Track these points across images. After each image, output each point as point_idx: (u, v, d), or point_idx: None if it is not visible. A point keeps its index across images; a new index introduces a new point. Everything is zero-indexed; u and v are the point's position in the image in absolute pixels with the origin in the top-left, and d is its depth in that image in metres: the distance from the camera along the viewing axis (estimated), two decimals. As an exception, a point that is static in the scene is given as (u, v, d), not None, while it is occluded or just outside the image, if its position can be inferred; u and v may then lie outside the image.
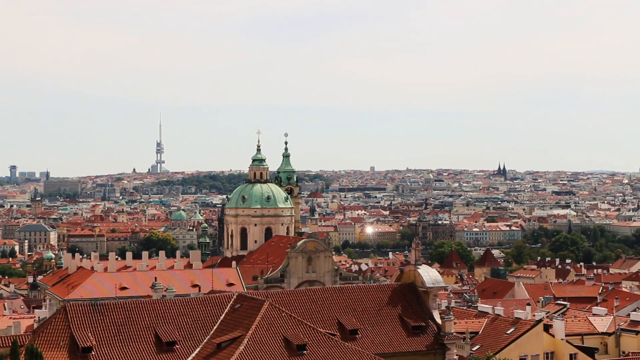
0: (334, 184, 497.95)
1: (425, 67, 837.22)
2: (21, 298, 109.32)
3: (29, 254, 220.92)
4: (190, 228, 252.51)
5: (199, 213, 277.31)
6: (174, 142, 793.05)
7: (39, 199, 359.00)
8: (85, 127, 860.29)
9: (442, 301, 52.81)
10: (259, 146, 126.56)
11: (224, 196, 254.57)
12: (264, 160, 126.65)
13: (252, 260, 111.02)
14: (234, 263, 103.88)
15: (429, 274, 48.78)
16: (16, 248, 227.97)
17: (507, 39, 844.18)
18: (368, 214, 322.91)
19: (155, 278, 74.67)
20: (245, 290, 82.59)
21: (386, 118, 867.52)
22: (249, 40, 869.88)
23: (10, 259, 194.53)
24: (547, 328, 55.82)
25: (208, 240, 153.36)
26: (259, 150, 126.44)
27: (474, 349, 52.45)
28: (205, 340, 41.47)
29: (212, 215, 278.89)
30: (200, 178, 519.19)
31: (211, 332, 41.95)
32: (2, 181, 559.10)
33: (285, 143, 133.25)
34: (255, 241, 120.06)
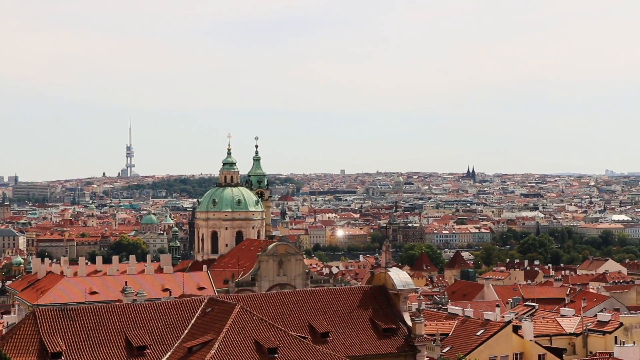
0: (304, 187, 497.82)
1: (394, 71, 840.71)
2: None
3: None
4: (161, 232, 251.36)
5: (170, 217, 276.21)
6: (144, 146, 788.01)
7: (8, 203, 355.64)
8: (54, 131, 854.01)
9: (413, 303, 53.18)
10: (229, 150, 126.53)
11: (195, 200, 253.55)
12: (235, 163, 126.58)
13: (223, 263, 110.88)
14: (204, 267, 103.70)
15: (400, 277, 49.08)
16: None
17: (475, 43, 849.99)
18: (339, 217, 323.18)
19: (126, 282, 74.50)
20: (216, 294, 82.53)
21: (356, 121, 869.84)
22: (219, 44, 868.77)
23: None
24: (516, 329, 56.39)
25: (179, 244, 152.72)
26: (229, 153, 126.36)
27: (444, 350, 52.83)
28: (176, 344, 41.47)
29: (183, 219, 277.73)
30: (170, 182, 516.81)
31: (182, 336, 41.96)
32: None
33: (256, 146, 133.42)
34: (226, 245, 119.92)
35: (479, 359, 52.06)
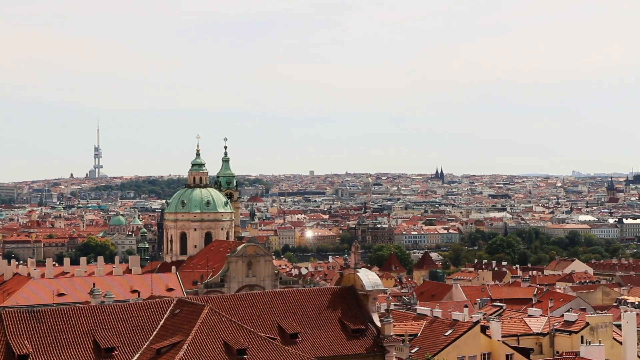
0: (273, 188, 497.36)
1: (362, 72, 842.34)
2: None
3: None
4: (129, 233, 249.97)
5: (138, 218, 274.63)
6: (112, 147, 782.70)
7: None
8: (21, 131, 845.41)
9: (382, 304, 53.34)
10: (198, 151, 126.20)
11: (163, 201, 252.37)
12: (204, 164, 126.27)
13: (192, 265, 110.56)
14: (173, 268, 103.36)
15: (369, 277, 49.25)
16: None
17: (442, 45, 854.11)
18: (308, 218, 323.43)
19: (94, 284, 73.79)
20: (185, 295, 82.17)
21: (325, 122, 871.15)
22: (187, 45, 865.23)
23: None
24: (484, 329, 56.77)
25: (147, 246, 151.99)
26: (198, 154, 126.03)
27: (413, 351, 53.08)
28: (144, 346, 41.31)
29: (151, 220, 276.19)
30: (139, 183, 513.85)
31: (151, 338, 41.79)
32: None
33: (225, 147, 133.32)
34: (195, 246, 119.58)
35: (447, 359, 52.38)
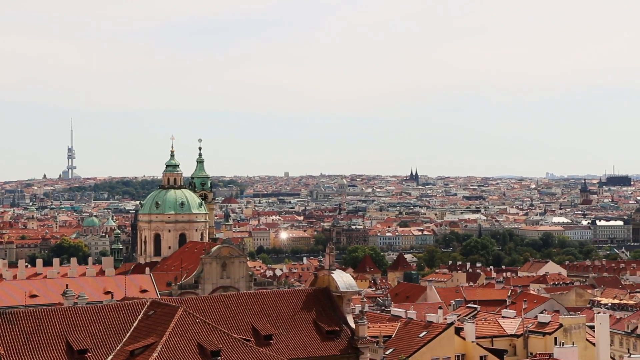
0: (248, 189, 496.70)
1: (337, 74, 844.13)
2: None
3: None
4: (103, 234, 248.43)
5: (112, 219, 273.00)
6: (85, 148, 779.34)
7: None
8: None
9: (356, 305, 53.39)
10: (172, 152, 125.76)
11: (137, 202, 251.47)
12: (178, 165, 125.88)
13: (166, 266, 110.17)
14: (147, 269, 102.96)
15: (343, 279, 49.21)
16: None
17: (417, 47, 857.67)
18: (282, 219, 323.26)
19: (67, 285, 73.15)
20: (159, 296, 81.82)
21: (300, 124, 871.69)
22: (161, 46, 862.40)
23: None
24: (459, 331, 56.92)
25: (121, 247, 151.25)
26: (172, 155, 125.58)
27: (387, 352, 53.12)
28: (118, 348, 41.05)
29: (125, 221, 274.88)
30: (112, 184, 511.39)
31: (124, 340, 41.54)
32: None
33: (199, 149, 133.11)
34: (169, 247, 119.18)
35: (421, 360, 52.47)
